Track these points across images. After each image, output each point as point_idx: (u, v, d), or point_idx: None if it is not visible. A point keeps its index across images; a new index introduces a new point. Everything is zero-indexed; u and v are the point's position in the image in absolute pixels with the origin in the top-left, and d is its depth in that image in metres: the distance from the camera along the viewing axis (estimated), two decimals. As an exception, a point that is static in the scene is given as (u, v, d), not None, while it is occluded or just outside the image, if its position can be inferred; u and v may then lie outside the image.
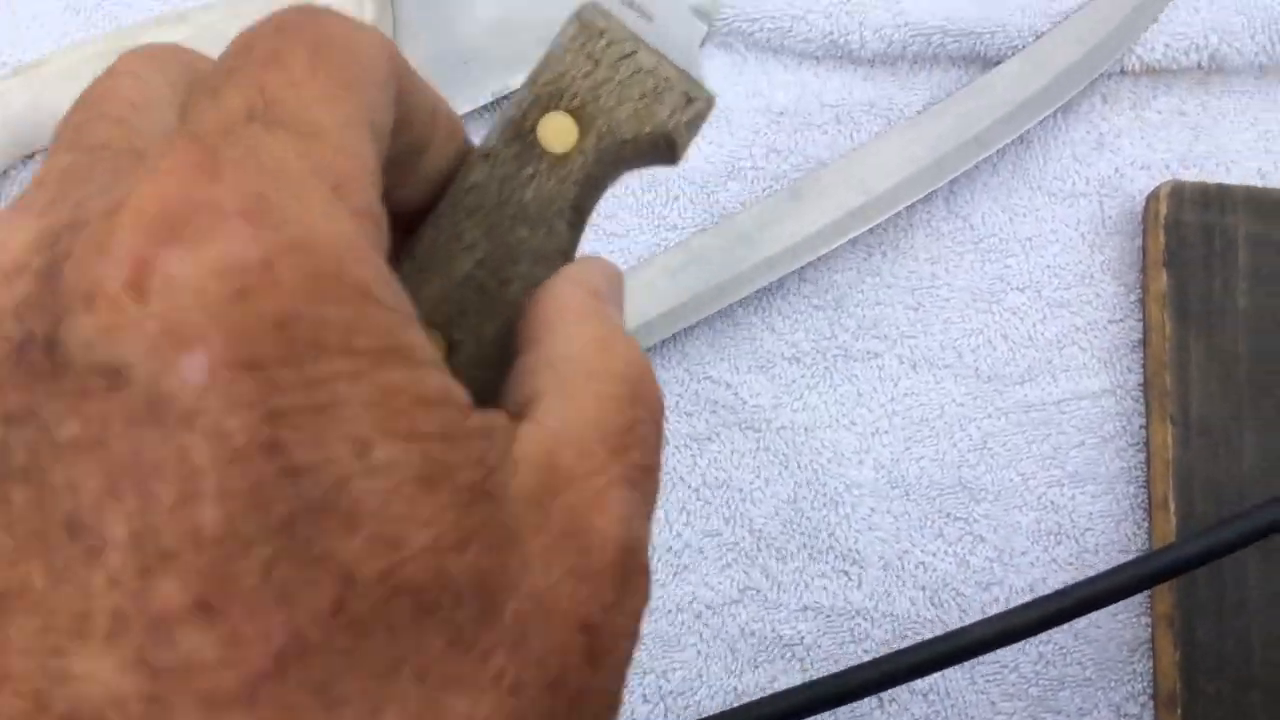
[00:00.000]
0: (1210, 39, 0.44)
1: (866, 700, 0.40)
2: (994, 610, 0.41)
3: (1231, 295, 0.41)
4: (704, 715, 0.39)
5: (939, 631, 0.40)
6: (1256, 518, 0.35)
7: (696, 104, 0.22)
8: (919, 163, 0.42)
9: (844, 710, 0.40)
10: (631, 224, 0.42)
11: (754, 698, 0.37)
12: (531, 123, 0.21)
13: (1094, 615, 0.39)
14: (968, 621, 0.41)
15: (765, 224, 0.41)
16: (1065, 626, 0.39)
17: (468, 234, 0.20)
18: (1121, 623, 0.41)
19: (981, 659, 0.40)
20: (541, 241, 0.21)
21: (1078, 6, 0.43)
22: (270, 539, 0.13)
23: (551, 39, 0.22)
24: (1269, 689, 0.38)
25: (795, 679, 0.40)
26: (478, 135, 0.21)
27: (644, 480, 0.17)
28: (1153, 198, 0.42)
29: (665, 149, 0.22)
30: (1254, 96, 0.45)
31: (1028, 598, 0.41)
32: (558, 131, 0.21)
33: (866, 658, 0.40)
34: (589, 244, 0.42)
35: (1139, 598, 0.41)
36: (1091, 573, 0.41)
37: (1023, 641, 0.38)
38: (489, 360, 0.20)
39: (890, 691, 0.40)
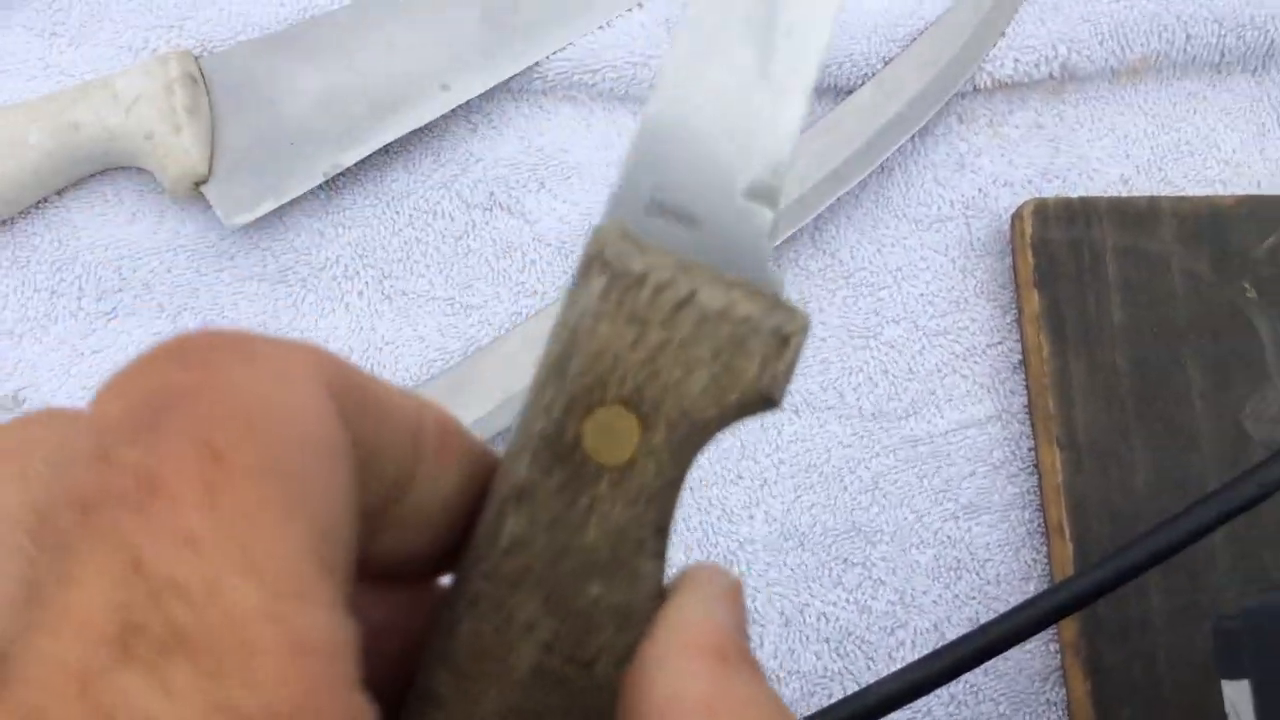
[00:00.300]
0: (1059, 49, 0.43)
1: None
2: (900, 655, 0.39)
3: (1106, 310, 0.40)
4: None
5: (847, 684, 0.39)
6: (1153, 542, 0.34)
7: (793, 341, 0.16)
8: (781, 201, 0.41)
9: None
10: (488, 293, 0.40)
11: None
12: (573, 433, 0.15)
13: (1001, 651, 0.38)
14: (875, 670, 0.39)
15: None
16: (974, 665, 0.38)
17: (521, 612, 0.15)
18: (1030, 653, 0.40)
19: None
20: (624, 593, 0.15)
21: (923, 28, 0.43)
22: None
23: (563, 301, 0.16)
24: (1182, 708, 0.38)
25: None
26: (308, 224, 0.15)
27: None
28: (1017, 217, 0.41)
29: (760, 406, 0.16)
30: (1109, 102, 0.45)
31: (933, 638, 0.40)
32: (612, 434, 0.15)
33: (775, 723, 0.38)
34: (432, 316, 0.40)
35: (1045, 626, 0.40)
36: (995, 604, 0.40)
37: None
38: None
39: (802, 755, 0.38)
